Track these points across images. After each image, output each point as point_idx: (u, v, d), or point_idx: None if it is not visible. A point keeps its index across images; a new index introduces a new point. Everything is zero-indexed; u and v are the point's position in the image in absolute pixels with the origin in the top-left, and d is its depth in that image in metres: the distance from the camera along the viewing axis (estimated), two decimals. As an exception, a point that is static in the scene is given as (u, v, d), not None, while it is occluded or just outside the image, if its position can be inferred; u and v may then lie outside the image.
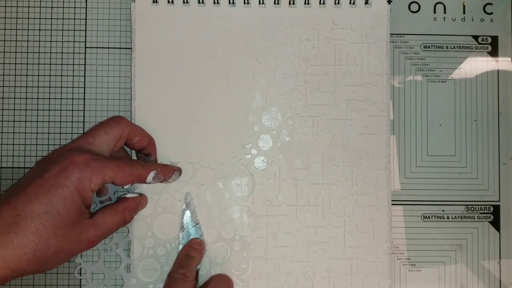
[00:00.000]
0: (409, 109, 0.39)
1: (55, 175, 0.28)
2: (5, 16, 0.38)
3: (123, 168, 0.31)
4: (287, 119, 0.37)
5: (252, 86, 0.37)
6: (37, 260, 0.28)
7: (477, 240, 0.38)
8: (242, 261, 0.36)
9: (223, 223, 0.36)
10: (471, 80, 0.39)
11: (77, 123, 0.38)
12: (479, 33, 0.39)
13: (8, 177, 0.37)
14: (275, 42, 0.37)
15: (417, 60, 0.39)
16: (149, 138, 0.35)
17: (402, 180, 0.39)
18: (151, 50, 0.37)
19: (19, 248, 0.27)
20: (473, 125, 0.39)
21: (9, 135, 0.37)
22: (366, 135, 0.37)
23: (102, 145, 0.32)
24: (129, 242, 0.36)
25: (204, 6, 0.37)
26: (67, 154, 0.30)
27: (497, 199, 0.39)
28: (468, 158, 0.39)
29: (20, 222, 0.27)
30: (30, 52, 0.38)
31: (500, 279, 0.38)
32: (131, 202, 0.34)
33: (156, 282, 0.36)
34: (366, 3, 0.37)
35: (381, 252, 0.37)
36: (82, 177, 0.29)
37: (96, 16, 0.38)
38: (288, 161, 0.37)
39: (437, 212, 0.38)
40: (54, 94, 0.38)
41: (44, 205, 0.28)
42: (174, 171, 0.35)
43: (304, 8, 0.37)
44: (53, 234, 0.28)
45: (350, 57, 0.37)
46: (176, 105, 0.37)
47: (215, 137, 0.37)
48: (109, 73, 0.38)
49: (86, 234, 0.30)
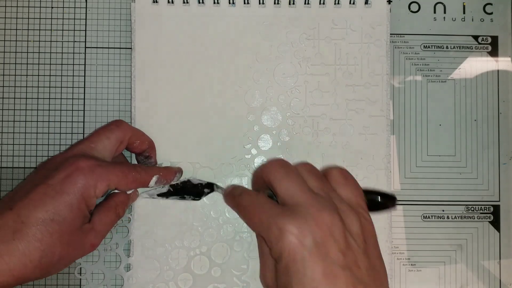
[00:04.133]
0: (409, 109, 0.39)
1: (60, 181, 0.28)
2: (5, 16, 0.38)
3: (127, 174, 0.31)
4: (287, 119, 0.37)
5: (252, 86, 0.37)
6: (42, 267, 0.27)
7: (477, 240, 0.38)
8: (242, 261, 0.36)
9: (223, 224, 0.36)
10: (471, 80, 0.39)
11: (77, 123, 0.38)
12: (479, 33, 0.39)
13: (8, 177, 0.37)
14: (275, 42, 0.37)
15: (417, 60, 0.39)
16: (149, 141, 0.35)
17: (402, 180, 0.39)
18: (151, 50, 0.37)
19: (24, 256, 0.26)
20: (473, 125, 0.39)
21: (9, 135, 0.37)
22: (366, 135, 0.37)
23: (104, 150, 0.31)
24: (129, 242, 0.36)
25: (204, 6, 0.37)
26: (71, 160, 0.29)
27: (497, 199, 0.39)
28: (468, 158, 0.39)
29: (25, 229, 0.27)
30: (30, 52, 0.38)
31: (500, 279, 0.38)
32: (122, 196, 0.33)
33: (156, 282, 0.36)
34: (366, 3, 0.37)
35: (381, 252, 0.36)
36: (88, 183, 0.29)
37: (96, 16, 0.38)
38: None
39: (437, 212, 0.38)
40: (54, 94, 0.38)
41: (49, 212, 0.27)
42: (176, 174, 0.35)
43: (304, 8, 0.37)
44: (58, 241, 0.28)
45: (350, 57, 0.37)
46: (176, 105, 0.37)
47: (215, 137, 0.37)
48: (109, 73, 0.38)
49: (88, 238, 0.30)
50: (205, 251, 0.36)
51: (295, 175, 0.27)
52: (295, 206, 0.26)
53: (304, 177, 0.28)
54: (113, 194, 0.33)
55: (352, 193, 0.28)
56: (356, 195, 0.28)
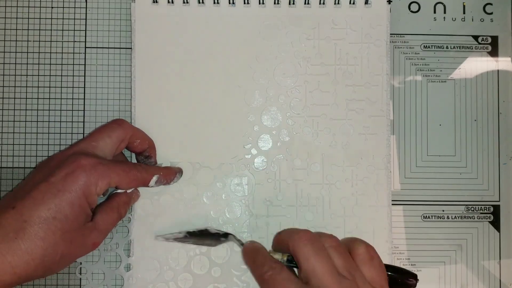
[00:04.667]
0: (409, 109, 0.39)
1: (62, 179, 0.28)
2: (5, 16, 0.38)
3: (128, 173, 0.31)
4: (287, 119, 0.37)
5: (252, 86, 0.37)
6: (45, 265, 0.27)
7: (477, 240, 0.38)
8: (242, 261, 0.36)
9: (223, 224, 0.36)
10: (471, 80, 0.39)
11: (77, 123, 0.38)
12: (479, 33, 0.39)
13: (8, 177, 0.37)
14: (275, 42, 0.37)
15: (417, 60, 0.39)
16: (149, 140, 0.35)
17: (402, 180, 0.39)
18: (151, 50, 0.37)
19: (26, 254, 0.26)
20: (473, 125, 0.39)
21: (9, 135, 0.37)
22: (366, 135, 0.37)
23: (105, 148, 0.31)
24: (129, 242, 0.36)
25: (204, 6, 0.37)
26: (73, 157, 0.29)
27: (497, 199, 0.39)
28: (468, 158, 0.39)
29: (28, 227, 0.27)
30: (30, 52, 0.38)
31: (500, 279, 0.38)
32: (124, 196, 0.33)
33: (156, 282, 0.36)
34: (366, 3, 0.37)
35: (381, 252, 0.36)
36: (89, 181, 0.29)
37: (96, 16, 0.38)
38: (288, 161, 0.37)
39: (437, 212, 0.38)
40: (54, 94, 0.38)
41: (52, 210, 0.27)
42: (176, 174, 0.35)
43: (304, 8, 0.37)
44: (60, 239, 0.28)
45: (350, 57, 0.37)
46: (176, 105, 0.37)
47: (215, 137, 0.37)
48: (109, 73, 0.38)
49: (90, 236, 0.30)
50: (205, 251, 0.36)
51: (322, 254, 0.28)
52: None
53: (330, 254, 0.28)
54: (115, 194, 0.33)
55: (377, 275, 0.28)
56: (381, 277, 0.29)
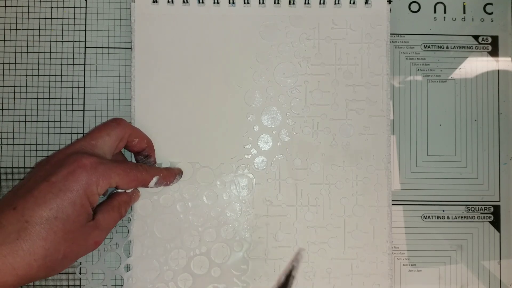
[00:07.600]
0: (409, 109, 0.39)
1: (63, 179, 0.28)
2: (5, 16, 0.38)
3: (129, 173, 0.31)
4: (287, 119, 0.37)
5: (252, 86, 0.37)
6: (47, 266, 0.27)
7: (477, 240, 0.38)
8: (242, 261, 0.36)
9: (223, 224, 0.36)
10: (471, 80, 0.39)
11: (77, 123, 0.38)
12: (479, 33, 0.39)
13: (8, 177, 0.37)
14: (275, 42, 0.37)
15: (417, 60, 0.39)
16: (148, 140, 0.35)
17: (402, 180, 0.39)
18: (151, 50, 0.37)
19: (29, 255, 0.26)
20: (473, 125, 0.39)
21: (9, 135, 0.37)
22: (366, 135, 0.37)
23: (104, 147, 0.31)
24: (129, 242, 0.36)
25: (204, 6, 0.37)
26: (73, 157, 0.29)
27: (497, 199, 0.39)
28: (468, 158, 0.39)
29: (29, 228, 0.26)
30: (30, 52, 0.38)
31: (500, 279, 0.38)
32: (125, 196, 0.33)
33: (156, 282, 0.36)
34: (366, 3, 0.37)
35: (381, 252, 0.37)
36: (90, 180, 0.29)
37: (96, 16, 0.38)
38: (288, 161, 0.37)
39: (437, 212, 0.38)
40: (54, 94, 0.38)
41: (53, 210, 0.27)
42: (176, 176, 0.35)
43: (304, 8, 0.37)
44: (62, 239, 0.28)
45: (350, 57, 0.37)
46: (176, 105, 0.37)
47: (215, 137, 0.37)
48: (109, 73, 0.38)
49: (92, 235, 0.30)
50: (204, 251, 0.36)
51: None
52: None
53: None
54: (116, 194, 0.33)
55: None
56: None
